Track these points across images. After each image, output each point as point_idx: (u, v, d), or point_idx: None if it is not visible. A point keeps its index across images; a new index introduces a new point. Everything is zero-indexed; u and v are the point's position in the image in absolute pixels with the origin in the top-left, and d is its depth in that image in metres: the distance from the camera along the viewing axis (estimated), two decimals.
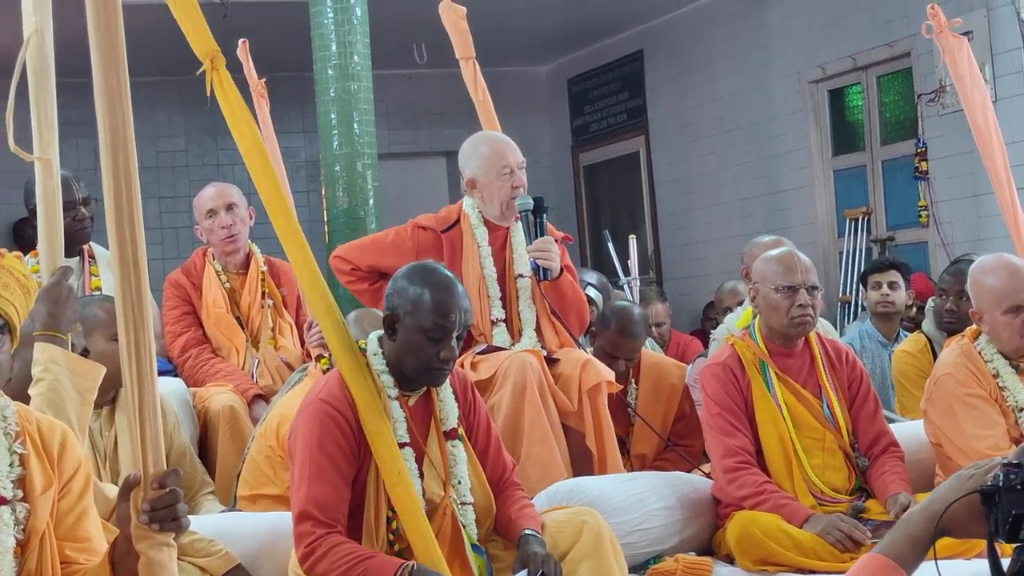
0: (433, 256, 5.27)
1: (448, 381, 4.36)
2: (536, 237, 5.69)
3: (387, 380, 4.23)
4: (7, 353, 3.06)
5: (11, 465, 3.09)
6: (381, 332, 4.33)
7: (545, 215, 5.76)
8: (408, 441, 4.20)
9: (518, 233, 5.81)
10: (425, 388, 4.33)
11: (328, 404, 4.16)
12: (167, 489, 2.84)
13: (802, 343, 5.36)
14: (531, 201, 5.73)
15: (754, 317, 5.41)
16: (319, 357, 5.80)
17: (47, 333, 3.76)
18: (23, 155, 3.67)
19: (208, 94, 4.13)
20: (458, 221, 5.83)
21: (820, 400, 5.29)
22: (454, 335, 4.18)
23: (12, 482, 3.08)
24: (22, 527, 3.08)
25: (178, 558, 4.18)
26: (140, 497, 2.85)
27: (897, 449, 5.30)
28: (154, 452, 2.86)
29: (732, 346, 5.35)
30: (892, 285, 7.56)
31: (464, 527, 4.24)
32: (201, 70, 4.11)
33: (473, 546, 4.23)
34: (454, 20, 6.69)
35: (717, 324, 7.38)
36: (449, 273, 4.36)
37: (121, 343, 2.84)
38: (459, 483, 4.28)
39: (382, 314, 4.41)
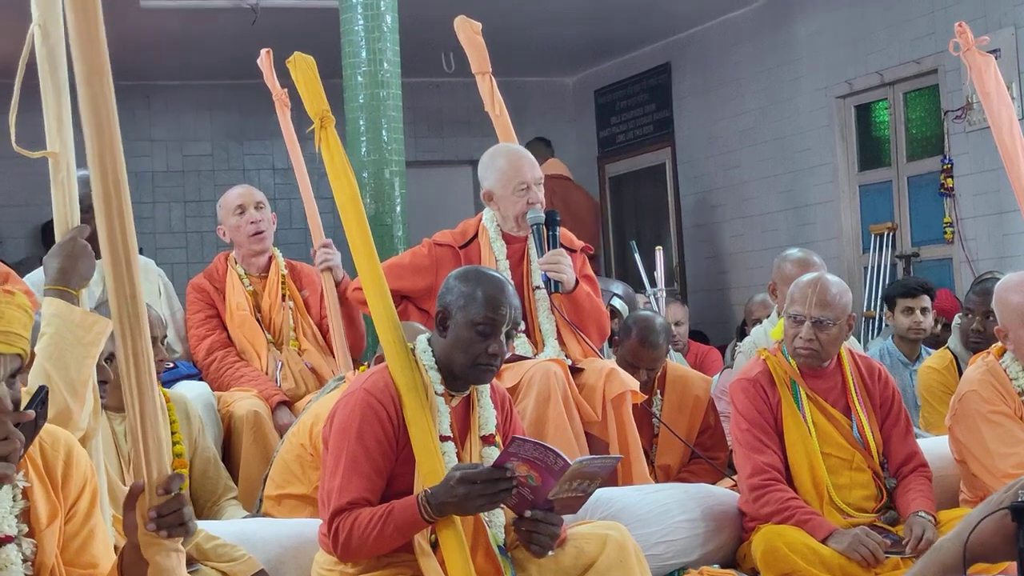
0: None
1: (488, 391, 4.40)
2: (548, 250, 5.71)
3: (434, 376, 4.27)
4: (19, 389, 2.94)
5: (14, 499, 2.98)
6: (430, 334, 4.39)
7: (557, 228, 5.78)
8: (451, 436, 4.24)
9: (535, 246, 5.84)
10: (467, 392, 4.36)
11: (371, 395, 4.20)
12: (172, 494, 2.81)
13: (834, 362, 5.35)
14: (542, 215, 5.76)
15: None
16: (356, 364, 5.80)
17: (57, 288, 3.65)
18: (26, 153, 3.59)
19: (316, 150, 4.73)
20: (476, 236, 5.88)
21: (850, 420, 5.28)
22: (503, 330, 4.24)
23: (16, 517, 2.98)
24: (30, 563, 2.98)
25: (201, 563, 4.21)
26: (146, 504, 2.82)
27: (926, 469, 5.29)
28: (157, 458, 2.83)
29: (764, 360, 5.34)
30: (924, 311, 7.53)
31: (490, 527, 4.24)
32: (311, 128, 4.70)
33: (499, 547, 4.23)
34: (470, 35, 6.69)
35: (745, 336, 7.36)
36: (500, 275, 4.42)
37: (118, 349, 2.81)
38: None
39: (421, 325, 4.44)
